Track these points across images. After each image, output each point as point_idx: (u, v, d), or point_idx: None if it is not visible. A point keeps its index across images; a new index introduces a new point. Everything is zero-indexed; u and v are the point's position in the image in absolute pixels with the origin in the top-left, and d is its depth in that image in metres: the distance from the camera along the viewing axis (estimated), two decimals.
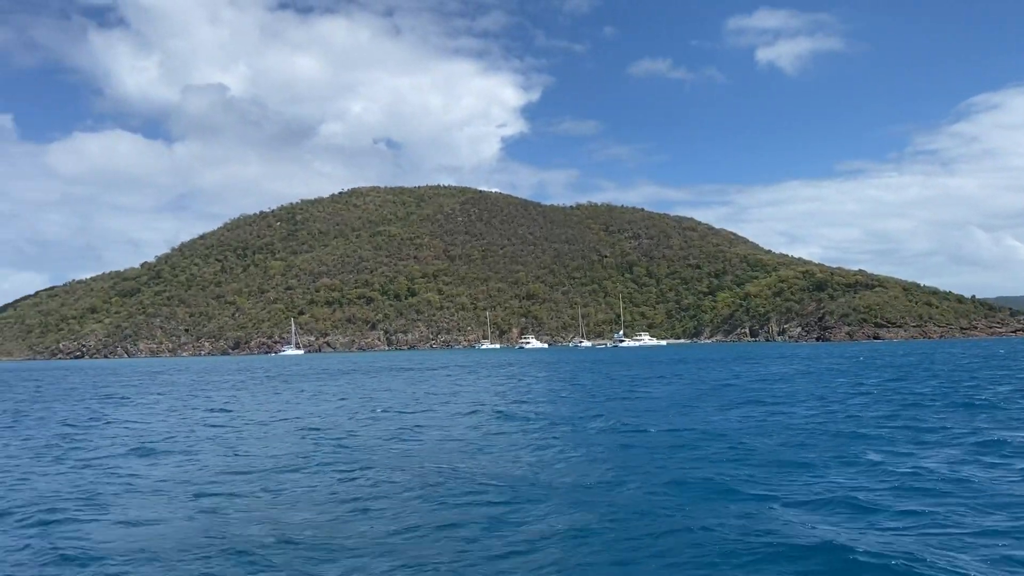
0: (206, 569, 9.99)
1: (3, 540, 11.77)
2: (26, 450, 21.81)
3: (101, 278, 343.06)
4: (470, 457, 18.41)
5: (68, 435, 25.25)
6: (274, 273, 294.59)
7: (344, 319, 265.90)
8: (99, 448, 21.80)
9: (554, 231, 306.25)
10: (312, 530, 11.74)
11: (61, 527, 12.45)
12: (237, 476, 16.22)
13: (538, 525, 11.79)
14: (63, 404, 40.11)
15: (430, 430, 23.70)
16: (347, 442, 21.31)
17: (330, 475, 16.17)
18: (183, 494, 14.53)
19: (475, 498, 13.67)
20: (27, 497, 14.69)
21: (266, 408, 34.38)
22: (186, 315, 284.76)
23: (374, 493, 14.28)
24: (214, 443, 22.11)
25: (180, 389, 52.68)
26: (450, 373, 65.07)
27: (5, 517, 13.29)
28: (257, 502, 13.77)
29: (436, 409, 30.89)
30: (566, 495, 13.64)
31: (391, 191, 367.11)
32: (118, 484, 15.91)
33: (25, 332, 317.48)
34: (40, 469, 18.30)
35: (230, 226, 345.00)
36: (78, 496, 14.72)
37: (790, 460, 16.54)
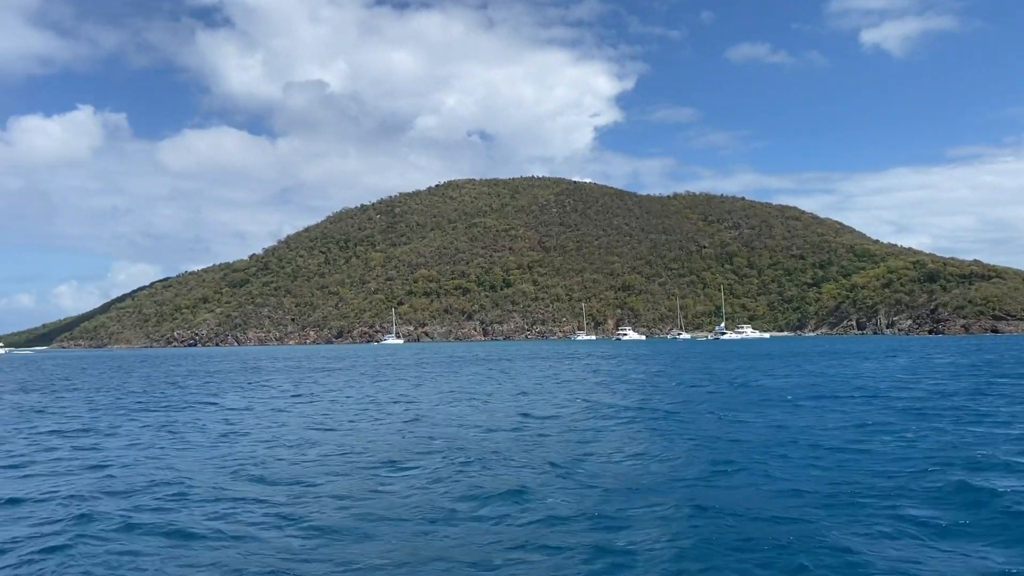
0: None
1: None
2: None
3: (212, 269, 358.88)
4: (581, 450, 17.98)
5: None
6: (374, 264, 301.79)
7: (441, 309, 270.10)
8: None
9: (650, 221, 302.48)
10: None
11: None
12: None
13: (651, 527, 11.32)
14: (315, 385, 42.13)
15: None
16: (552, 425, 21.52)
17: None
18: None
19: (581, 497, 13.12)
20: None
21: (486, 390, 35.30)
22: (292, 305, 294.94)
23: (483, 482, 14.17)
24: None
25: (359, 376, 54.52)
26: (584, 360, 65.14)
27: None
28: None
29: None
30: (675, 496, 13.01)
31: (486, 183, 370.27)
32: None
33: (142, 321, 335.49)
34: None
35: (332, 219, 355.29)
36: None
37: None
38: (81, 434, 23.23)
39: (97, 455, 18.83)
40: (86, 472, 16.43)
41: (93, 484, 14.94)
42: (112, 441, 21.40)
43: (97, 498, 13.62)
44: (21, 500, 13.65)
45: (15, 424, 26.36)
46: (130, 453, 19.03)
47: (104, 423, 26.04)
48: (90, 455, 18.82)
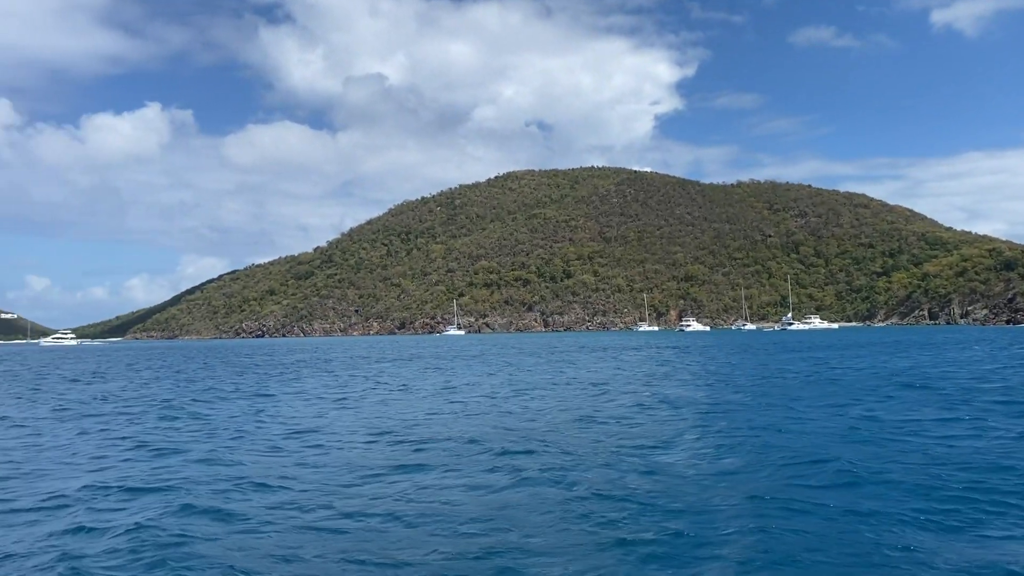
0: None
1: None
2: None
3: (278, 262, 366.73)
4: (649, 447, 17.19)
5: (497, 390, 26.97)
6: (435, 256, 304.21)
7: (502, 300, 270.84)
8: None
9: (714, 210, 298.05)
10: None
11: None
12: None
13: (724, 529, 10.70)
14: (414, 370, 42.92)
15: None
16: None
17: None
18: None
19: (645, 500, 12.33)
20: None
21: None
22: (356, 296, 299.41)
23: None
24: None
25: (458, 365, 55.12)
26: (656, 351, 64.56)
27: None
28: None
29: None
30: (745, 501, 12.03)
31: (545, 174, 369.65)
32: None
33: (212, 313, 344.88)
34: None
35: (394, 212, 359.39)
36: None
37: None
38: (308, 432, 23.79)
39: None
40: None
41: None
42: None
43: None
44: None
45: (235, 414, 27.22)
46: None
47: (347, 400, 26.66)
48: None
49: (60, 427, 22.83)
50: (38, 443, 19.64)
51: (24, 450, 18.55)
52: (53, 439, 20.41)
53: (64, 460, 16.96)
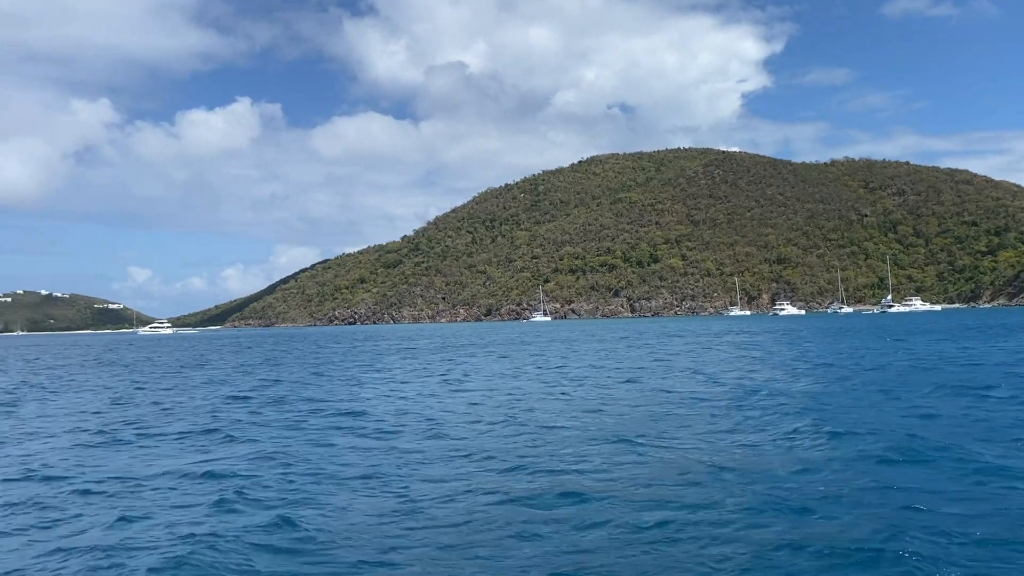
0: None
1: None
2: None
3: (367, 251, 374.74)
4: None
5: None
6: (520, 243, 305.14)
7: (587, 286, 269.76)
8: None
9: (806, 190, 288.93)
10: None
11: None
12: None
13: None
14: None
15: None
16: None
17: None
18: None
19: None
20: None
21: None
22: (442, 284, 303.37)
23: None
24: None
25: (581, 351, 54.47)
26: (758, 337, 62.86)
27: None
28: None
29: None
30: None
31: (630, 157, 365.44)
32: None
33: (306, 301, 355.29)
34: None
35: (478, 199, 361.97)
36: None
37: None
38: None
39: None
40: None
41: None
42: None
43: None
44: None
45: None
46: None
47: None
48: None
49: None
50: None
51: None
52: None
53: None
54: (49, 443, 18.52)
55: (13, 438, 19.64)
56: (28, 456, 16.70)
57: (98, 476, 14.09)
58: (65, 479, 13.98)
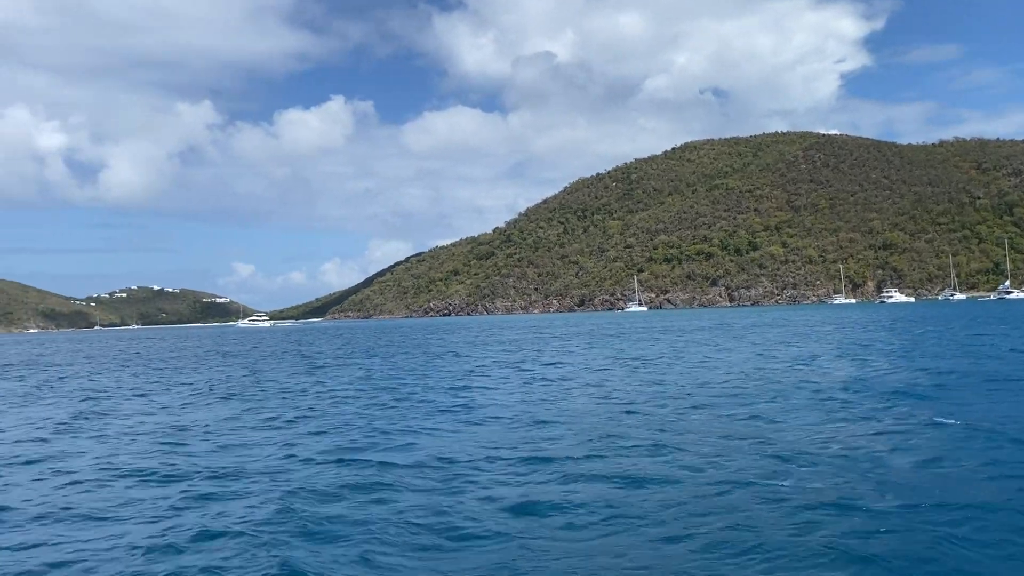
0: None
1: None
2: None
3: (460, 243, 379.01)
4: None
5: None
6: (613, 232, 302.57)
7: (683, 276, 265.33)
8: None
9: (913, 172, 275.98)
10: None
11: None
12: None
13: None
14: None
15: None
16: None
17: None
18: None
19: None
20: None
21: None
22: (535, 275, 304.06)
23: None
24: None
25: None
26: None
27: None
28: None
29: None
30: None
31: (725, 142, 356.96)
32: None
33: (401, 293, 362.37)
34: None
35: (569, 189, 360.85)
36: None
37: None
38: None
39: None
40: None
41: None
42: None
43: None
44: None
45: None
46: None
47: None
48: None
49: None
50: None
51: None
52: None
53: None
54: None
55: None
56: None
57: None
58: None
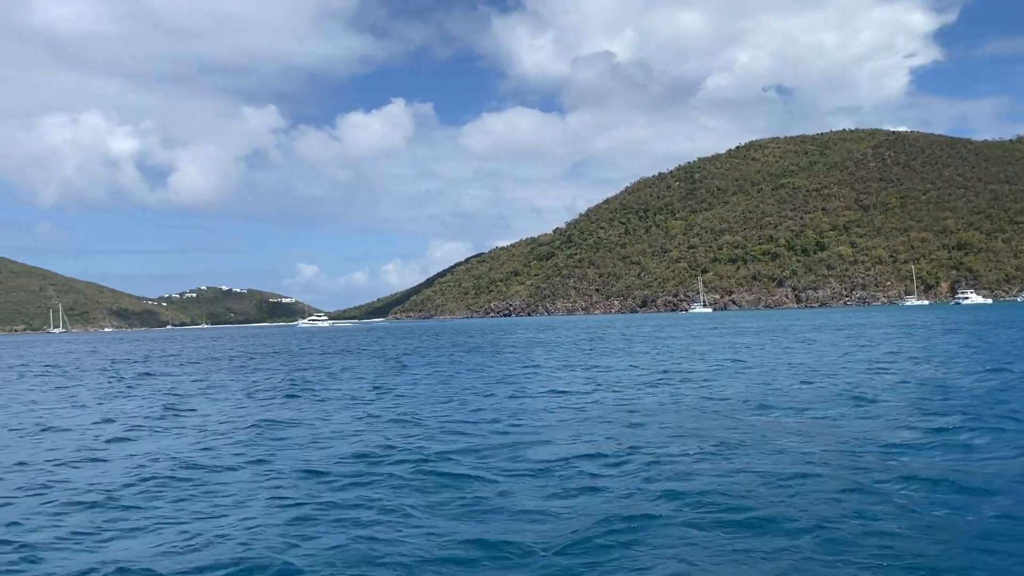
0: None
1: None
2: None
3: (519, 244, 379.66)
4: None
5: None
6: (675, 233, 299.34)
7: (749, 276, 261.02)
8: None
9: (989, 170, 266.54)
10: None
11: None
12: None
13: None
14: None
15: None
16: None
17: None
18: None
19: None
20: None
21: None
22: (596, 275, 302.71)
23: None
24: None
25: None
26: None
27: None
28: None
29: None
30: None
31: (791, 140, 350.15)
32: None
33: (462, 293, 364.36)
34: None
35: (631, 189, 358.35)
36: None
37: None
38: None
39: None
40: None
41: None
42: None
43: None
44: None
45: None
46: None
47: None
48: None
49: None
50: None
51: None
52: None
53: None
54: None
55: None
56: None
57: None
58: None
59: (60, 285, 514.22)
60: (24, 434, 19.10)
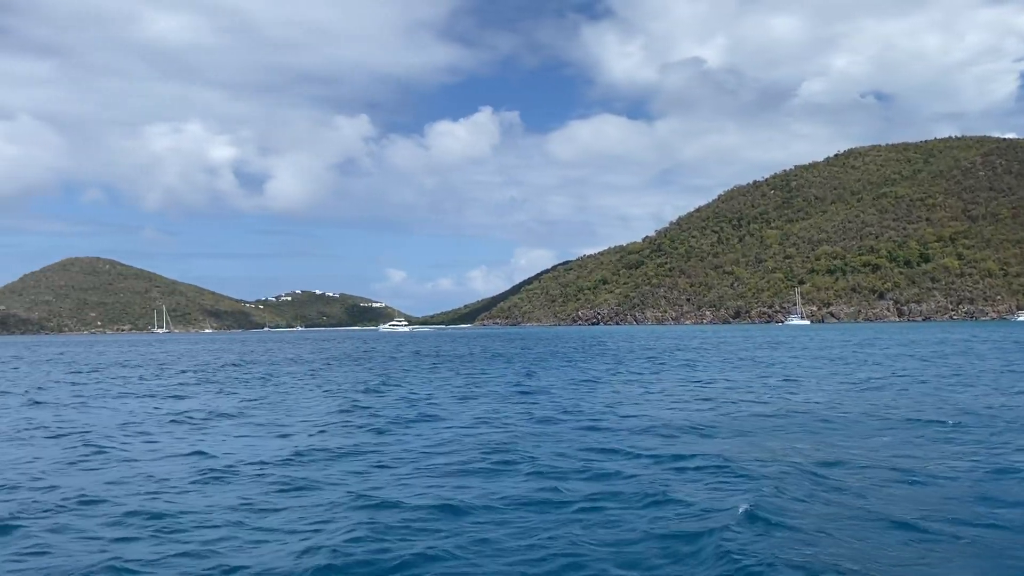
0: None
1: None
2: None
3: (607, 252, 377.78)
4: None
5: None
6: (771, 242, 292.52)
7: (848, 288, 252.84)
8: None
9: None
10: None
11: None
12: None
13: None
14: None
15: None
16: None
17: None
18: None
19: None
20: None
21: None
22: (686, 285, 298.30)
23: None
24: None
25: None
26: None
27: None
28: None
29: None
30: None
31: (893, 148, 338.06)
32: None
33: (549, 301, 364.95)
34: None
35: (723, 197, 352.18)
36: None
37: None
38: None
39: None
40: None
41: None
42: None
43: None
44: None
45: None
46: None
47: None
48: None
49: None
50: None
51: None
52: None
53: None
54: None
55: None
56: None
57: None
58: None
59: (164, 287, 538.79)
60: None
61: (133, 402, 29.41)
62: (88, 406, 28.03)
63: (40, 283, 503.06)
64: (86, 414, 25.31)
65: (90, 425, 22.20)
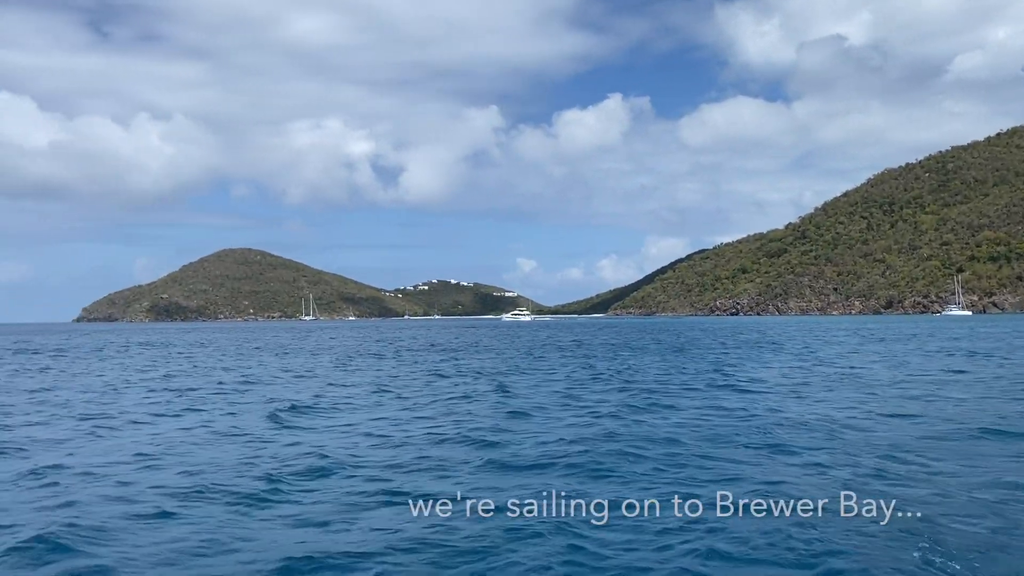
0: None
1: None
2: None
3: (746, 240, 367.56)
4: None
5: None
6: (926, 228, 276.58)
7: (1014, 276, 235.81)
8: None
9: None
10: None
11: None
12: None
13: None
14: None
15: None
16: None
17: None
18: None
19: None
20: None
21: None
22: (833, 274, 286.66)
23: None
24: None
25: None
26: None
27: None
28: None
29: None
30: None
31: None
32: None
33: (685, 291, 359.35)
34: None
35: (873, 181, 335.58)
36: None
37: None
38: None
39: None
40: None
41: None
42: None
43: None
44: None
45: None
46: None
47: None
48: None
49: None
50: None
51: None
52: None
53: None
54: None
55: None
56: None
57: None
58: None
59: (310, 276, 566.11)
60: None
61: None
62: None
63: (198, 273, 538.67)
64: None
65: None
